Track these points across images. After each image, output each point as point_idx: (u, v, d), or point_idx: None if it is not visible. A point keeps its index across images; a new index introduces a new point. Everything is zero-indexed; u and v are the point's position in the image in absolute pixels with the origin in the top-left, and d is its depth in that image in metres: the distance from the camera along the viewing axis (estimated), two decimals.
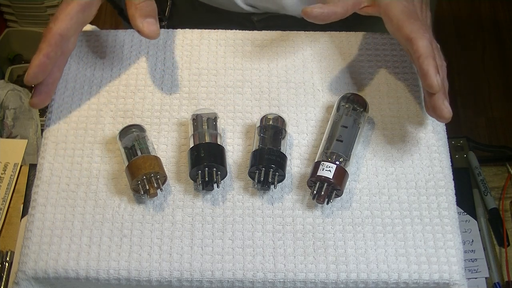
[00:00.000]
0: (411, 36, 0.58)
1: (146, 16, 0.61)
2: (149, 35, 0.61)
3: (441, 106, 0.58)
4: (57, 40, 0.61)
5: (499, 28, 2.01)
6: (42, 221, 0.59)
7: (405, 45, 0.60)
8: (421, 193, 0.61)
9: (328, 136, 0.62)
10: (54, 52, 0.61)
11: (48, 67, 0.61)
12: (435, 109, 0.58)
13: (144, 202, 0.60)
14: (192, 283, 0.57)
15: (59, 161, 0.63)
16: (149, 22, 0.61)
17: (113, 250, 0.58)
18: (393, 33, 0.62)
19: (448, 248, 0.58)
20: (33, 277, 0.57)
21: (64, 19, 0.61)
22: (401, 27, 0.59)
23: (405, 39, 0.59)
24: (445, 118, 0.59)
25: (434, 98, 0.58)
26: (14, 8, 1.81)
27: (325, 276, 0.57)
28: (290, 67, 0.69)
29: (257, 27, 0.87)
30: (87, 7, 0.63)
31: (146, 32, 0.61)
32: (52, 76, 0.63)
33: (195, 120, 0.63)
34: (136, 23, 0.61)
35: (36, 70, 0.60)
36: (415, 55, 0.58)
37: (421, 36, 0.58)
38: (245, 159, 0.63)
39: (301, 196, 0.61)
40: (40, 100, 0.63)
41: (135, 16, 0.61)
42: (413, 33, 0.58)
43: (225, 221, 0.60)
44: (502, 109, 1.84)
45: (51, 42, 0.60)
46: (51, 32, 0.60)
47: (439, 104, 0.58)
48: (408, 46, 0.59)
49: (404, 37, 0.59)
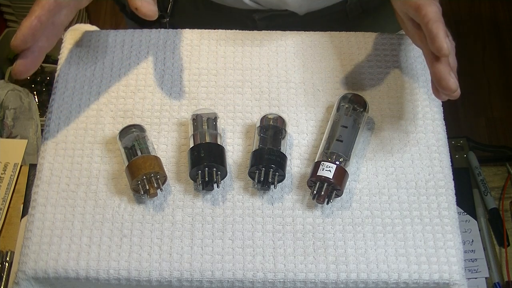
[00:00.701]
0: (419, 3, 0.56)
1: None
2: (146, 14, 0.60)
3: (447, 76, 0.54)
4: (51, 5, 0.58)
5: (499, 28, 2.01)
6: (42, 221, 0.59)
7: (413, 15, 0.58)
8: (421, 193, 0.61)
9: (328, 136, 0.62)
10: (46, 17, 0.58)
11: (38, 32, 0.58)
12: (440, 80, 0.55)
13: (144, 202, 0.60)
14: (192, 283, 0.57)
15: (59, 161, 0.63)
16: (147, 2, 0.60)
17: (113, 250, 0.58)
18: (400, 6, 0.60)
19: (448, 248, 0.58)
20: (33, 277, 0.57)
21: None
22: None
23: (413, 8, 0.57)
24: (450, 90, 0.55)
25: (440, 66, 0.55)
26: (14, 8, 1.81)
27: (325, 276, 0.57)
28: (290, 67, 0.69)
29: (258, 25, 0.87)
30: None
31: (144, 11, 0.59)
32: (39, 45, 0.59)
33: (195, 120, 0.63)
34: (134, 2, 0.59)
35: (27, 32, 0.57)
36: (424, 20, 0.56)
37: (429, 3, 0.56)
38: (245, 159, 0.63)
39: (301, 196, 0.61)
40: (25, 68, 0.59)
41: None
42: (422, 0, 0.56)
43: (225, 221, 0.60)
44: (502, 109, 1.85)
45: (45, 6, 0.58)
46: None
47: (446, 74, 0.55)
48: (416, 14, 0.57)
49: (412, 6, 0.57)
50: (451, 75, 0.55)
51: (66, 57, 0.70)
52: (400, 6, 0.61)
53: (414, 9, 0.57)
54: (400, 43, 0.71)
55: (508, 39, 1.99)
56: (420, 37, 0.59)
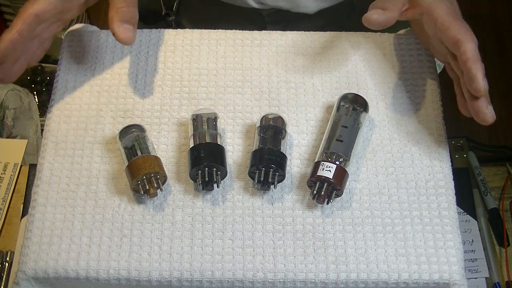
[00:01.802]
0: (458, 38, 0.58)
1: (125, 21, 0.61)
2: (122, 40, 0.61)
3: (485, 110, 0.58)
4: (32, 20, 0.59)
5: (499, 28, 2.01)
6: (42, 221, 0.59)
7: (451, 47, 0.60)
8: (421, 193, 0.61)
9: (328, 136, 0.62)
10: (27, 32, 0.59)
11: (18, 45, 0.59)
12: (478, 113, 0.58)
13: (144, 202, 0.60)
14: (192, 283, 0.57)
15: (59, 161, 0.63)
16: (126, 28, 0.61)
17: (113, 250, 0.58)
18: (436, 34, 0.62)
19: (448, 248, 0.58)
20: (33, 277, 0.57)
21: (42, 2, 0.60)
22: (447, 28, 0.59)
23: (451, 41, 0.59)
24: (487, 122, 0.59)
25: (478, 102, 0.58)
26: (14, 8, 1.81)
27: (325, 276, 0.57)
28: (290, 67, 0.69)
29: (266, 21, 0.87)
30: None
31: (121, 36, 0.61)
32: (14, 56, 0.60)
33: (195, 120, 0.63)
34: (113, 25, 0.61)
35: (8, 45, 0.58)
36: (463, 57, 0.58)
37: (468, 39, 0.58)
38: (245, 159, 0.63)
39: (301, 196, 0.61)
40: (4, 76, 0.60)
41: (113, 18, 0.61)
42: (460, 34, 0.58)
43: (225, 221, 0.60)
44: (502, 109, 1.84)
45: (26, 20, 0.59)
46: (27, 11, 0.59)
47: (483, 108, 0.58)
48: (454, 48, 0.59)
49: (451, 38, 0.59)
50: (488, 108, 0.58)
51: (66, 57, 0.70)
52: (435, 34, 0.62)
53: (452, 42, 0.59)
54: (400, 43, 0.71)
55: (508, 39, 1.99)
56: (454, 63, 0.61)
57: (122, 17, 0.61)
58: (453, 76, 0.64)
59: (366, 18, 0.61)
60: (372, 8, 0.62)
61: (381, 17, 0.61)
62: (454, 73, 0.63)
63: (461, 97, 0.61)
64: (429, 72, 0.69)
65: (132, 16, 0.62)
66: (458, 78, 0.62)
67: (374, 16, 0.61)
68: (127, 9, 0.62)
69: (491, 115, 0.59)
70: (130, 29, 0.61)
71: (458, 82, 0.62)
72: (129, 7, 0.62)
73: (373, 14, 0.61)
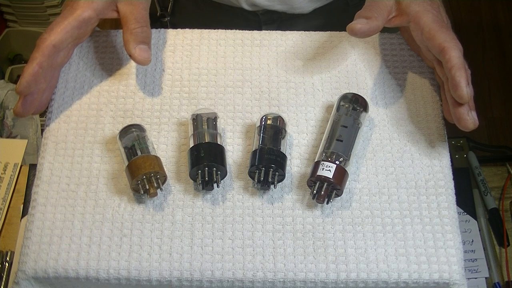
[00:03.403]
0: (444, 46, 0.59)
1: (140, 42, 0.63)
2: (140, 62, 0.63)
3: (466, 117, 0.59)
4: (50, 51, 0.61)
5: (499, 29, 2.01)
6: (42, 221, 0.59)
7: (437, 54, 0.61)
8: (421, 193, 0.61)
9: (328, 136, 0.62)
10: (46, 63, 0.61)
11: (40, 77, 0.61)
12: (459, 120, 0.59)
13: (144, 202, 0.60)
14: (192, 282, 0.57)
15: (59, 161, 0.63)
16: (142, 49, 0.63)
17: (113, 250, 0.58)
18: (423, 41, 0.63)
19: (448, 248, 0.58)
20: (33, 277, 0.57)
21: (59, 31, 0.62)
22: (433, 37, 0.60)
23: (437, 49, 0.60)
24: (468, 128, 0.60)
25: (460, 109, 0.59)
26: (14, 8, 1.81)
27: (325, 275, 0.57)
28: (290, 67, 0.69)
29: (261, 19, 0.87)
30: (83, 24, 0.63)
31: (138, 58, 0.62)
32: (39, 87, 0.63)
33: (195, 120, 0.63)
34: (129, 47, 0.62)
35: (30, 78, 0.60)
36: (448, 65, 0.59)
37: (453, 46, 0.59)
38: (245, 159, 0.63)
39: (301, 196, 0.61)
40: (25, 110, 0.62)
41: (129, 41, 0.63)
42: (446, 42, 0.60)
43: (225, 221, 0.60)
44: (502, 109, 1.84)
45: (45, 52, 0.61)
46: (45, 43, 0.61)
47: (464, 115, 0.59)
48: (439, 55, 0.60)
49: (437, 46, 0.60)
50: (469, 115, 0.59)
51: None
52: (422, 41, 0.63)
53: (438, 50, 0.60)
54: (400, 43, 0.71)
55: (508, 39, 1.99)
56: (440, 70, 0.63)
57: (137, 39, 0.63)
58: (439, 82, 0.65)
59: (350, 28, 0.61)
60: (356, 18, 0.62)
61: (365, 26, 0.61)
62: (440, 79, 0.64)
63: (446, 103, 0.63)
64: (429, 72, 0.69)
65: (146, 36, 0.64)
66: (443, 84, 0.63)
67: (357, 26, 0.61)
68: (141, 30, 0.63)
69: (473, 121, 0.59)
70: (146, 50, 0.63)
71: (443, 91, 0.63)
72: (142, 28, 0.64)
73: (357, 23, 0.61)
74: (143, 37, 0.63)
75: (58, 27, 0.62)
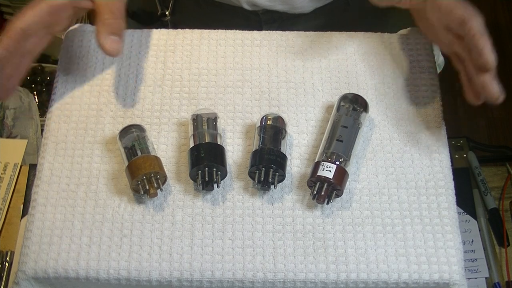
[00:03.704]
0: (464, 16, 0.59)
1: (111, 33, 0.61)
2: (109, 52, 0.61)
3: (491, 85, 0.58)
4: (18, 34, 0.59)
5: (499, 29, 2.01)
6: (42, 221, 0.59)
7: (457, 27, 0.60)
8: (421, 193, 0.61)
9: (328, 136, 0.62)
10: (13, 47, 0.59)
11: (4, 61, 0.59)
12: (485, 88, 0.58)
13: (144, 202, 0.60)
14: (192, 283, 0.57)
15: (59, 161, 0.63)
16: (113, 40, 0.61)
17: (113, 250, 0.58)
18: (441, 19, 0.62)
19: (448, 248, 0.58)
20: (33, 277, 0.57)
21: (28, 15, 0.60)
22: (452, 10, 0.60)
23: (457, 21, 0.59)
24: (493, 97, 0.59)
25: (484, 76, 0.58)
26: (14, 8, 1.81)
27: (325, 276, 0.57)
28: (290, 67, 0.69)
29: (262, 19, 0.87)
30: (55, 10, 0.61)
31: (108, 48, 0.61)
32: (6, 72, 0.61)
33: (195, 120, 0.63)
34: (100, 37, 0.61)
35: None
36: (470, 33, 0.58)
37: (473, 16, 0.59)
38: (245, 159, 0.63)
39: (301, 196, 0.61)
40: None
41: (101, 31, 0.61)
42: (466, 13, 0.59)
43: (225, 221, 0.60)
44: (502, 109, 1.84)
45: (12, 36, 0.59)
46: (13, 26, 0.59)
47: (489, 82, 0.58)
48: (460, 28, 0.59)
49: (457, 18, 0.59)
50: (494, 83, 0.58)
51: (66, 57, 0.70)
52: (441, 18, 0.62)
53: (458, 22, 0.59)
54: (400, 43, 0.71)
55: (508, 39, 1.99)
56: (460, 45, 0.61)
57: (109, 29, 0.61)
58: (459, 68, 0.63)
59: None
60: None
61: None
62: (460, 65, 0.63)
63: (467, 83, 0.61)
64: (429, 72, 0.69)
65: (119, 28, 0.62)
66: (464, 69, 0.62)
67: None
68: (114, 21, 0.62)
69: (498, 91, 0.58)
70: (117, 41, 0.61)
71: (465, 73, 0.62)
72: (115, 19, 0.62)
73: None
74: (116, 28, 0.61)
75: (28, 11, 0.60)
